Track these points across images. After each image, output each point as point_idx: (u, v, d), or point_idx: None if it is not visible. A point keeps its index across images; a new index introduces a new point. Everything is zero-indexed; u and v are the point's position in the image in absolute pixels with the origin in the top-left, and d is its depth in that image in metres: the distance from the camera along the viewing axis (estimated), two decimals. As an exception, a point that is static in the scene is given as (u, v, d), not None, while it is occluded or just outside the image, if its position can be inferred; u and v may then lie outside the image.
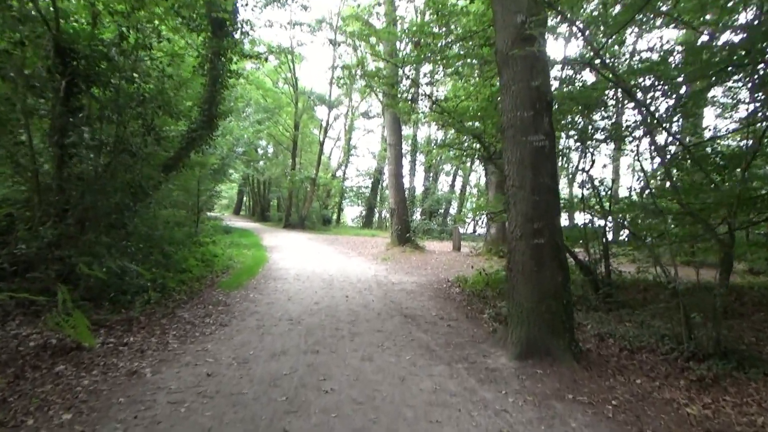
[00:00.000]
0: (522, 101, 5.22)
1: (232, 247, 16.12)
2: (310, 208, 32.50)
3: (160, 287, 8.02)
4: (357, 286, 10.15)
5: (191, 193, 14.05)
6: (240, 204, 56.61)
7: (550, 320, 5.14)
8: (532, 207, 5.19)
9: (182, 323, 6.46)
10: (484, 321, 7.23)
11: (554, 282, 5.18)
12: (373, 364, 5.08)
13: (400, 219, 18.16)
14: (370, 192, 39.00)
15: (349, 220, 44.12)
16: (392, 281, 11.12)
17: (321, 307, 7.82)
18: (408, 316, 7.37)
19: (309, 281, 10.53)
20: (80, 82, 7.25)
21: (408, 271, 13.07)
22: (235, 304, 7.82)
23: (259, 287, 9.54)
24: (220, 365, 4.90)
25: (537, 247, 5.17)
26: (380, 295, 9.18)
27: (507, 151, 5.39)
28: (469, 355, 5.42)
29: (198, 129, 10.69)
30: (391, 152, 18.40)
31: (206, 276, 10.23)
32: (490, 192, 17.12)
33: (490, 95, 9.06)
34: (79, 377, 4.42)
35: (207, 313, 7.08)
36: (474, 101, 10.33)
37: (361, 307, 7.97)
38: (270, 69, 33.41)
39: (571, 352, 5.11)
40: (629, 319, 7.30)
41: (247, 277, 10.68)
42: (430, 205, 32.17)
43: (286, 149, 35.55)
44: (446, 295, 9.49)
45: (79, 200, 7.14)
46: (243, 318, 6.94)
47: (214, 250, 12.81)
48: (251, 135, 19.85)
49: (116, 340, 5.50)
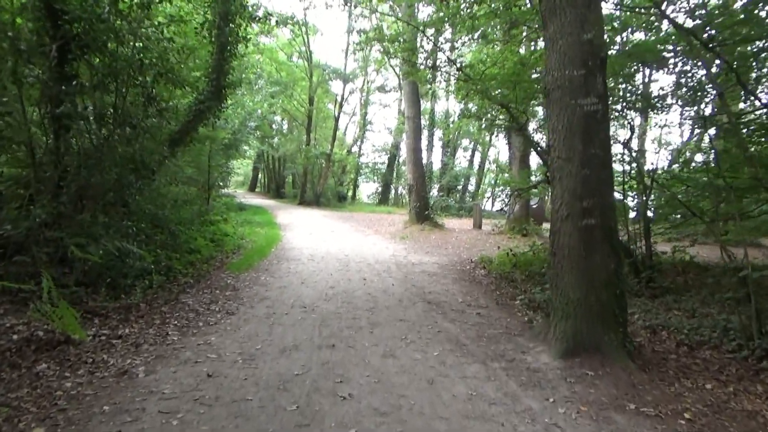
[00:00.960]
0: (571, 58, 4.44)
1: (245, 226, 15.60)
2: (325, 185, 31.88)
3: (165, 270, 7.48)
4: (375, 267, 9.52)
5: (202, 170, 13.47)
6: (255, 181, 56.18)
7: (601, 312, 4.44)
8: (581, 182, 4.46)
9: (185, 311, 5.89)
10: (516, 309, 6.56)
11: (606, 269, 4.46)
12: (396, 362, 4.46)
13: (418, 195, 17.43)
14: (387, 168, 38.18)
15: (364, 196, 43.49)
16: (412, 262, 10.48)
17: (337, 292, 7.21)
18: (432, 303, 6.72)
19: (324, 262, 9.93)
20: (74, 47, 6.61)
21: (428, 251, 12.42)
22: (244, 289, 7.25)
23: (271, 269, 8.96)
24: (223, 363, 4.31)
25: (586, 229, 4.45)
26: (400, 277, 8.55)
27: (552, 117, 4.64)
28: (505, 352, 4.77)
29: (206, 100, 10.01)
30: (409, 125, 17.56)
31: (215, 257, 9.68)
32: (513, 167, 16.29)
33: (521, 59, 8.24)
34: (62, 378, 3.86)
35: (213, 299, 6.51)
36: (500, 68, 9.48)
37: (380, 291, 7.34)
38: (284, 42, 32.52)
39: (625, 349, 4.43)
40: (678, 307, 6.59)
41: (259, 257, 10.12)
42: (448, 181, 31.31)
43: (301, 125, 34.83)
44: (471, 277, 8.82)
45: (75, 176, 6.56)
46: (252, 305, 6.36)
47: (225, 228, 12.27)
48: (264, 109, 19.09)
49: (110, 332, 4.94)
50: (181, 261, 8.27)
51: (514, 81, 7.65)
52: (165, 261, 7.66)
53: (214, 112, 10.36)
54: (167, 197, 10.02)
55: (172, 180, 10.59)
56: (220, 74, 10.07)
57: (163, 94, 8.56)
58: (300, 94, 33.41)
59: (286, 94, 25.92)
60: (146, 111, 7.60)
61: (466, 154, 38.24)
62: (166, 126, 9.71)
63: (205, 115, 10.18)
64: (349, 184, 39.95)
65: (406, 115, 17.78)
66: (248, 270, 8.67)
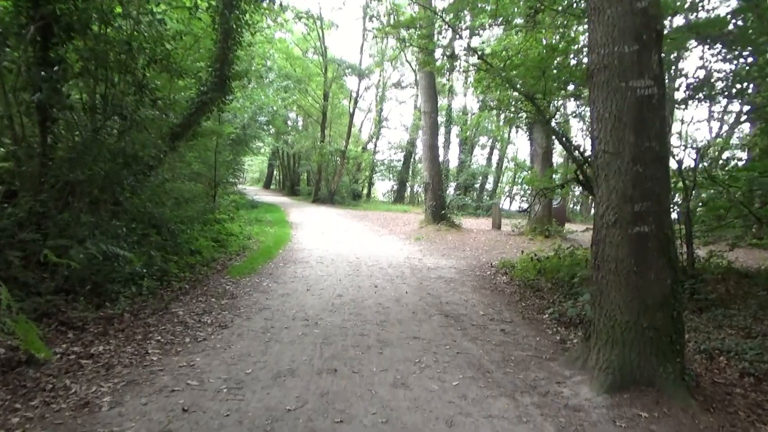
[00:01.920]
0: (622, 31, 3.68)
1: (254, 224, 15.03)
2: (339, 182, 31.27)
3: (159, 274, 6.89)
4: (388, 272, 8.83)
5: (208, 166, 12.89)
6: (270, 178, 55.92)
7: (655, 339, 3.70)
8: (633, 181, 3.70)
9: (173, 323, 5.26)
10: (545, 324, 5.81)
11: (661, 286, 3.71)
12: (408, 393, 3.76)
13: (434, 194, 16.68)
14: (402, 165, 37.44)
15: (379, 194, 42.80)
16: (428, 266, 9.77)
17: (344, 301, 6.53)
18: (450, 316, 6.00)
19: (333, 266, 9.27)
20: (58, 29, 6.02)
21: (444, 253, 11.69)
22: (243, 296, 6.61)
23: (276, 273, 8.32)
24: (205, 392, 3.65)
25: (639, 238, 3.70)
26: (414, 284, 7.84)
27: (596, 104, 3.88)
28: (537, 382, 4.03)
29: (208, 92, 9.40)
30: (425, 121, 16.80)
31: (218, 259, 9.08)
32: (535, 164, 15.48)
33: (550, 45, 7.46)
34: (10, 411, 3.23)
35: (207, 309, 5.87)
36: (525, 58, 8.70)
37: (392, 301, 6.65)
38: (299, 38, 31.96)
39: (684, 383, 3.68)
40: (729, 324, 5.79)
41: (264, 260, 9.49)
42: (465, 180, 30.45)
43: (316, 121, 34.24)
44: (492, 285, 8.08)
45: (57, 171, 5.98)
46: (249, 316, 5.71)
47: (231, 228, 11.68)
48: (276, 104, 18.45)
49: (82, 349, 4.32)
50: (178, 264, 7.68)
51: (542, 68, 6.89)
52: (160, 264, 7.06)
53: (218, 104, 9.73)
54: (168, 194, 9.45)
55: (174, 176, 9.99)
56: (224, 64, 9.45)
57: (157, 83, 7.95)
58: (315, 89, 32.81)
59: (300, 89, 25.23)
60: (139, 100, 7.00)
61: (484, 151, 37.31)
62: (164, 118, 9.14)
63: (208, 108, 9.57)
64: (364, 181, 39.31)
65: (423, 110, 17.03)
66: (251, 274, 8.03)
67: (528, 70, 7.49)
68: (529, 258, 9.40)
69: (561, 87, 7.41)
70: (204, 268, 8.05)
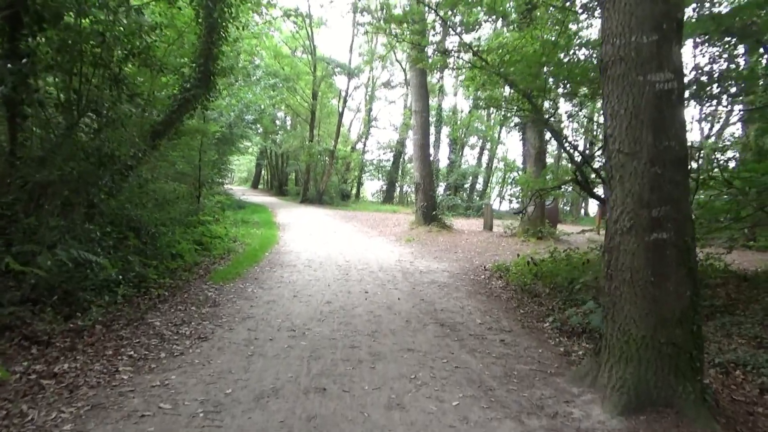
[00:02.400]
0: (640, 20, 3.36)
1: (240, 226, 14.60)
2: (328, 182, 30.87)
3: (136, 280, 6.49)
4: (378, 276, 8.49)
5: (193, 165, 12.45)
6: (258, 178, 55.32)
7: (673, 356, 3.39)
8: (650, 185, 3.39)
9: (148, 335, 4.87)
10: (546, 334, 5.50)
11: (680, 299, 3.40)
12: (404, 416, 3.41)
13: (425, 195, 16.36)
14: (392, 165, 37.12)
15: (368, 195, 42.44)
16: (420, 269, 9.44)
17: (334, 309, 6.18)
18: (446, 325, 5.67)
19: (322, 269, 8.90)
20: (28, 18, 5.59)
21: (436, 255, 11.37)
22: (225, 304, 6.23)
23: (261, 278, 7.93)
24: (178, 417, 3.28)
25: (656, 246, 3.39)
26: (407, 289, 7.51)
27: (610, 99, 3.56)
28: (543, 401, 3.71)
29: (192, 88, 8.99)
30: (416, 120, 16.46)
31: (201, 263, 8.67)
32: (528, 165, 15.22)
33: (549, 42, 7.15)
34: (-47, 444, 2.85)
35: (186, 319, 5.48)
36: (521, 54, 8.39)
37: (384, 309, 6.30)
38: (287, 36, 31.49)
39: (706, 404, 3.37)
40: (738, 332, 5.53)
41: (250, 263, 9.09)
42: (455, 180, 30.19)
43: (305, 120, 33.78)
44: (487, 290, 7.77)
45: (27, 171, 5.57)
46: (231, 326, 5.33)
47: (215, 230, 11.25)
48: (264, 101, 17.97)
49: (45, 367, 3.92)
50: (158, 269, 7.27)
51: (541, 64, 6.59)
52: (138, 270, 6.65)
53: (202, 101, 9.33)
54: (149, 195, 9.02)
55: (155, 176, 9.56)
56: (208, 59, 9.05)
57: (139, 80, 7.55)
58: (304, 88, 32.35)
59: (288, 87, 24.77)
60: (116, 97, 6.59)
61: (473, 152, 37.12)
62: (145, 116, 8.73)
63: (191, 105, 9.16)
64: (353, 182, 38.94)
65: (413, 109, 16.70)
66: (235, 279, 7.64)
67: (526, 66, 7.18)
68: (525, 261, 9.12)
69: (559, 85, 7.12)
70: (185, 273, 7.65)
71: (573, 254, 9.06)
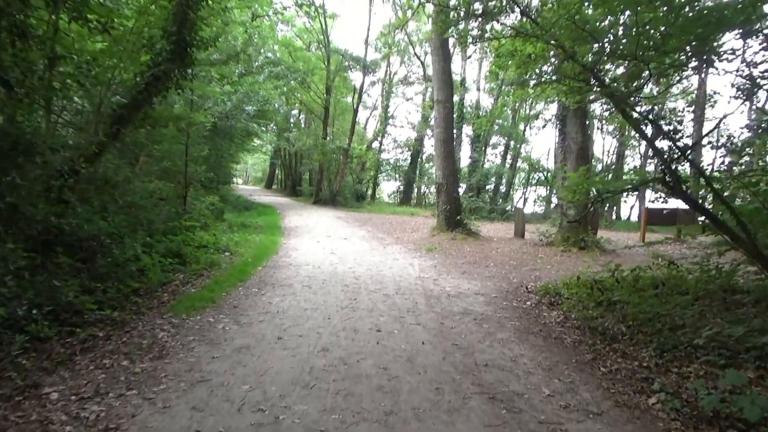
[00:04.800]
0: None
1: (239, 231, 12.81)
2: (342, 183, 29.02)
3: (64, 314, 4.71)
4: (395, 302, 6.58)
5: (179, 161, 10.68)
6: (272, 177, 53.91)
7: None
8: None
9: (28, 421, 3.04)
10: (660, 420, 3.51)
11: None
12: None
13: (449, 197, 14.37)
14: (409, 165, 35.12)
15: (385, 196, 40.53)
16: (447, 290, 7.51)
17: (331, 363, 4.28)
18: (497, 398, 3.72)
19: (324, 291, 7.03)
20: None
21: (465, 270, 9.42)
22: (177, 353, 4.36)
23: (243, 305, 6.08)
24: None
25: None
26: (434, 326, 5.58)
27: None
28: None
29: (163, 62, 7.21)
30: (438, 111, 14.44)
31: (170, 282, 6.86)
32: (568, 162, 13.17)
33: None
34: None
35: (104, 385, 3.63)
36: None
37: (403, 363, 4.38)
38: (301, 28, 29.78)
39: None
40: None
41: (233, 282, 7.25)
42: (478, 180, 28.06)
43: (318, 118, 31.99)
44: (541, 326, 5.80)
45: None
46: (168, 401, 3.45)
47: (201, 237, 9.43)
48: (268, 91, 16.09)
49: None
50: (107, 294, 5.47)
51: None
52: (68, 299, 4.86)
53: (176, 79, 7.53)
54: (109, 196, 7.25)
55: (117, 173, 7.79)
56: (183, 27, 7.29)
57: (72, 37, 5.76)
58: (317, 83, 30.55)
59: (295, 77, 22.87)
60: (25, 59, 4.79)
61: (495, 151, 34.79)
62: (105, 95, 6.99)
63: (162, 83, 7.38)
64: (368, 182, 37.07)
65: (435, 98, 14.67)
66: (205, 308, 5.79)
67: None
68: (580, 283, 7.14)
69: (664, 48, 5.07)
70: (139, 299, 5.81)
71: (642, 273, 7.09)
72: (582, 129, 12.69)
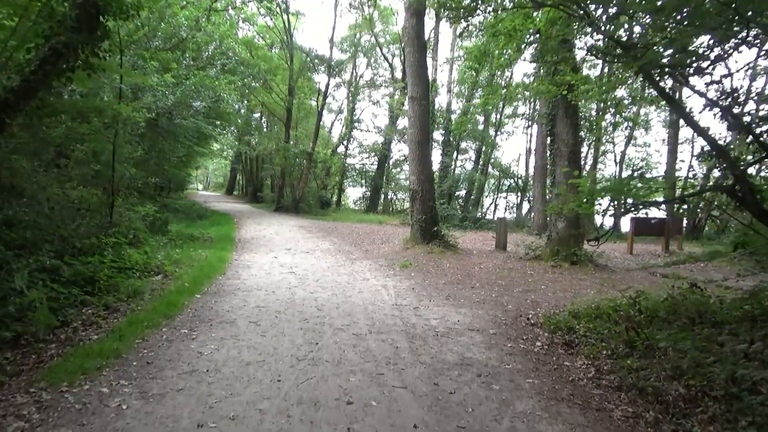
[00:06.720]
0: None
1: (185, 245, 11.01)
2: (305, 189, 27.27)
3: None
4: (370, 348, 5.01)
5: (104, 163, 8.83)
6: (233, 183, 51.78)
7: None
8: None
9: None
10: None
11: None
12: None
13: (424, 205, 12.86)
14: (376, 171, 33.57)
15: (350, 202, 38.85)
16: (432, 325, 6.00)
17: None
18: None
19: (275, 332, 5.40)
20: None
21: (449, 294, 7.94)
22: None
23: (158, 360, 4.38)
24: None
25: None
26: (426, 390, 4.02)
27: None
28: None
29: (65, 32, 5.49)
30: (413, 109, 12.89)
31: (67, 324, 5.10)
32: (557, 168, 11.90)
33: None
34: None
35: None
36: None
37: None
38: (262, 26, 27.99)
39: None
40: None
41: (155, 321, 5.50)
42: (449, 186, 26.77)
43: (281, 121, 30.13)
44: (572, 388, 4.33)
45: None
46: None
47: (129, 256, 7.62)
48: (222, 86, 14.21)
49: None
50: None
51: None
52: None
53: (86, 56, 5.80)
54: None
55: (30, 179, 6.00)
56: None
57: None
58: (279, 84, 28.71)
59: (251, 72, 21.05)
60: None
61: (465, 156, 33.65)
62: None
63: (65, 60, 5.64)
64: (333, 188, 35.39)
65: (409, 95, 13.14)
66: (102, 369, 4.07)
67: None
68: (608, 316, 5.75)
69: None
70: (8, 356, 4.06)
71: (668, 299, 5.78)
72: (573, 130, 11.43)
